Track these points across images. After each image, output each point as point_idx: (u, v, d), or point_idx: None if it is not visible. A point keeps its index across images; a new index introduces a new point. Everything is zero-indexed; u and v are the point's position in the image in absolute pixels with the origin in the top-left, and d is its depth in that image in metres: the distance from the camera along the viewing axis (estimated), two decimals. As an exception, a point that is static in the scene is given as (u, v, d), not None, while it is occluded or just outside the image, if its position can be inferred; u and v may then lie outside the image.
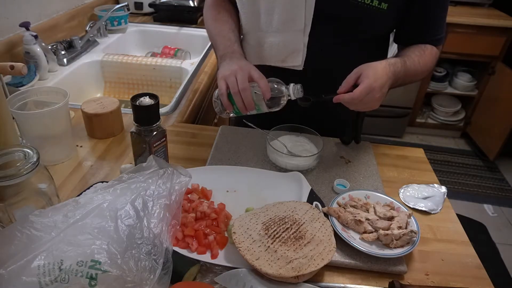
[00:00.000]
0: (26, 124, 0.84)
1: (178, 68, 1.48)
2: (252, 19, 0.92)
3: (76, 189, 0.82)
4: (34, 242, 0.53)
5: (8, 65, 0.89)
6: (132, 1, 1.97)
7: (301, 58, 0.91)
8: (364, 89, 0.75)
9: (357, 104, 0.78)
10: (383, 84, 0.77)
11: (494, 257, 2.04)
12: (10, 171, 0.60)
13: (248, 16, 0.93)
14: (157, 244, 0.58)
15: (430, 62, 0.91)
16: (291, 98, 0.79)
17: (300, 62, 0.92)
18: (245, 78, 0.77)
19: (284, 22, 0.88)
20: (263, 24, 0.91)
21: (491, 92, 2.73)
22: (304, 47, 0.90)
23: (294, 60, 0.92)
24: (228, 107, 0.81)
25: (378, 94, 0.77)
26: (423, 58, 0.88)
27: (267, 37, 0.92)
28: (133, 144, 0.79)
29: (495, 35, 2.52)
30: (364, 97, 0.76)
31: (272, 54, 0.93)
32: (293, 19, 0.87)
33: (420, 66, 0.88)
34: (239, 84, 0.77)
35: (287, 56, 0.92)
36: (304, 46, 0.90)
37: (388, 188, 0.87)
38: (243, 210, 0.75)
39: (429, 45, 0.91)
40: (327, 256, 0.64)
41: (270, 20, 0.89)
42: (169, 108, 1.17)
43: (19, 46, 1.28)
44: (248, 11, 0.92)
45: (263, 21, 0.90)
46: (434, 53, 0.92)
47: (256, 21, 0.91)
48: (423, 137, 3.07)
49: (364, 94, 0.75)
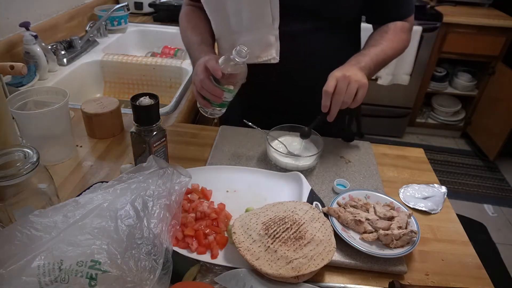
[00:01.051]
0: (26, 124, 0.84)
1: (178, 68, 1.48)
2: (223, 23, 0.95)
3: (76, 189, 0.82)
4: (34, 242, 0.53)
5: (8, 65, 0.89)
6: (132, 1, 1.97)
7: (275, 51, 0.94)
8: (330, 80, 0.79)
9: (338, 98, 0.79)
10: (347, 70, 0.81)
11: (494, 257, 2.04)
12: (10, 171, 0.60)
13: (218, 21, 0.96)
14: (157, 244, 0.58)
15: (397, 39, 0.95)
16: (239, 61, 0.80)
17: (274, 55, 0.94)
18: (202, 70, 0.81)
19: (253, 19, 0.90)
20: (233, 26, 0.93)
21: (491, 92, 2.73)
22: (276, 40, 0.93)
23: (268, 54, 0.94)
24: (205, 105, 0.86)
25: (349, 80, 0.79)
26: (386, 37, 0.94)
27: (239, 37, 0.94)
28: (133, 144, 0.79)
29: (495, 35, 2.52)
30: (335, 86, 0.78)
31: None
32: (261, 15, 0.89)
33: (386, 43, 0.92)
34: (197, 79, 0.82)
35: (261, 52, 0.94)
36: (276, 39, 0.93)
37: (388, 188, 0.87)
38: (243, 210, 0.75)
39: (393, 23, 0.96)
40: (327, 256, 0.64)
41: (240, 20, 0.92)
42: (169, 108, 1.17)
43: (19, 46, 1.28)
44: (217, 15, 0.95)
45: (233, 23, 0.93)
46: (398, 29, 0.96)
47: (226, 24, 0.94)
48: (423, 137, 3.07)
49: (332, 84, 0.79)
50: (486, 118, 2.78)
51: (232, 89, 0.84)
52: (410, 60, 2.50)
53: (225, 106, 0.87)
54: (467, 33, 2.52)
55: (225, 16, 0.93)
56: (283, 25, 0.91)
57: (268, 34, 0.92)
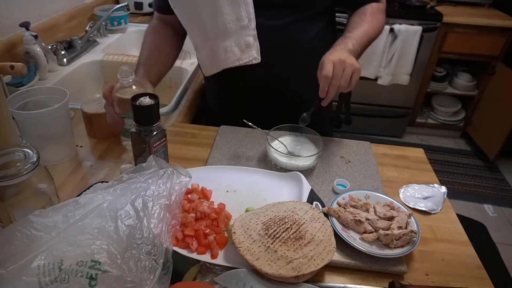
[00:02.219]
0: (26, 124, 0.84)
1: (178, 68, 1.48)
2: (199, 31, 0.95)
3: (76, 189, 0.82)
4: (34, 242, 0.53)
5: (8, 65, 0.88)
6: (132, 1, 1.97)
7: (255, 51, 0.94)
8: (327, 64, 0.79)
9: (335, 82, 0.79)
10: (340, 54, 0.81)
11: (494, 257, 2.04)
12: (10, 171, 0.60)
13: (194, 30, 0.96)
14: (157, 244, 0.58)
15: (376, 20, 0.97)
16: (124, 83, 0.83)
17: (255, 55, 0.94)
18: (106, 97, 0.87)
19: (228, 23, 0.90)
20: (210, 33, 0.93)
21: (491, 92, 2.73)
22: (255, 40, 0.92)
23: (248, 55, 0.94)
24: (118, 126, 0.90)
25: (344, 64, 0.79)
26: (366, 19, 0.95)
27: (218, 43, 0.94)
28: (133, 144, 0.79)
29: (495, 35, 2.52)
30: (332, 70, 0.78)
31: (228, 57, 0.95)
32: (236, 18, 0.89)
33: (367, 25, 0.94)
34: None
35: (241, 54, 0.94)
36: (254, 39, 0.92)
37: (388, 188, 0.87)
38: (243, 210, 0.75)
39: (369, 5, 0.99)
40: (327, 256, 0.64)
41: (215, 26, 0.91)
42: (169, 108, 1.17)
43: (19, 46, 1.28)
44: (192, 24, 0.95)
45: (209, 29, 0.93)
46: (375, 10, 0.98)
47: (203, 31, 0.94)
48: (423, 137, 3.07)
49: (330, 68, 0.78)
50: (486, 118, 2.78)
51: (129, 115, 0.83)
52: (410, 60, 2.50)
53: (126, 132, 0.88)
54: (467, 33, 2.52)
55: (201, 23, 0.93)
56: (260, 23, 0.92)
57: (246, 36, 0.92)
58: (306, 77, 0.83)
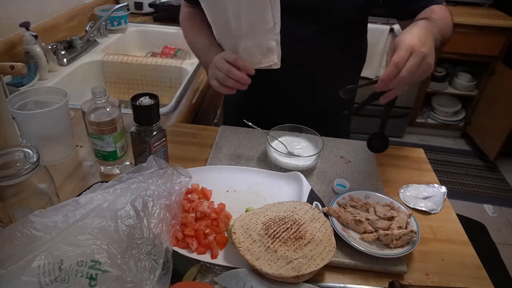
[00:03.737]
0: (26, 124, 0.84)
1: (178, 68, 1.48)
2: (223, 27, 0.93)
3: (76, 189, 0.82)
4: (34, 242, 0.53)
5: (8, 65, 0.89)
6: (132, 1, 1.97)
7: (276, 56, 0.91)
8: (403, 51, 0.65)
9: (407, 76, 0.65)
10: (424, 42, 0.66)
11: (494, 257, 2.04)
12: (10, 171, 0.60)
13: (218, 25, 0.94)
14: (157, 244, 0.58)
15: (446, 16, 0.89)
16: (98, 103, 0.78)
17: (276, 60, 0.91)
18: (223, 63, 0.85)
19: (253, 24, 0.88)
20: (234, 30, 0.91)
21: (491, 92, 2.73)
22: (277, 45, 0.90)
23: (269, 59, 0.92)
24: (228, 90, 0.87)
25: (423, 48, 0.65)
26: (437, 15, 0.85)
27: (240, 42, 0.92)
28: (133, 144, 0.79)
29: (495, 35, 2.52)
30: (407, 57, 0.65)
31: (247, 58, 0.93)
32: (261, 19, 0.87)
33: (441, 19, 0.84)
34: (224, 68, 0.84)
35: (262, 57, 0.92)
36: (277, 44, 0.89)
37: (388, 188, 0.87)
38: (243, 210, 0.75)
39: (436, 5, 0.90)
40: (327, 256, 0.64)
41: (240, 24, 0.89)
42: (169, 108, 1.17)
43: (19, 46, 1.28)
44: (217, 20, 0.93)
45: (233, 27, 0.91)
46: (443, 8, 0.89)
47: (227, 28, 0.92)
48: (423, 137, 3.07)
49: (406, 56, 0.65)
50: (486, 118, 2.78)
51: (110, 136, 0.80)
52: (410, 60, 2.49)
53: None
54: (467, 33, 2.52)
55: (225, 20, 0.91)
56: (285, 29, 0.88)
57: (268, 39, 0.89)
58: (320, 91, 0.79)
